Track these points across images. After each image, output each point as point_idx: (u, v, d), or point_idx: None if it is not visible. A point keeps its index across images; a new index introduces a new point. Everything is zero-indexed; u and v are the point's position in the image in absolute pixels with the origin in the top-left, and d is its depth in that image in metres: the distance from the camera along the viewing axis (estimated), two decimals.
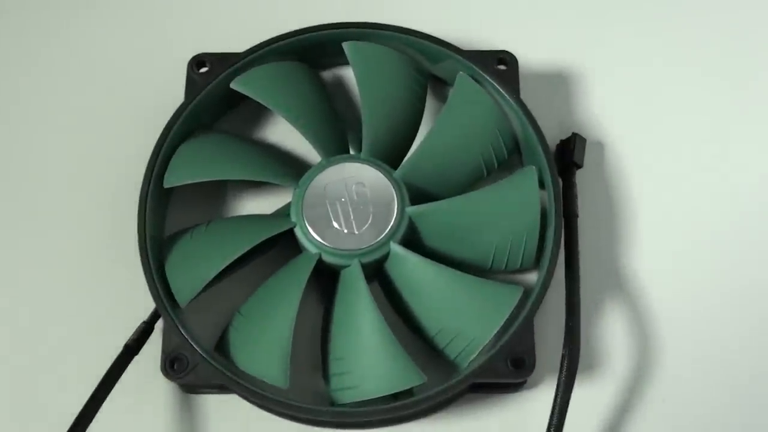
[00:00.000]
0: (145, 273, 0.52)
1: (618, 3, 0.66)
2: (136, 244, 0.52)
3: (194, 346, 0.50)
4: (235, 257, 0.52)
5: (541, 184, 0.55)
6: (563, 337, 0.52)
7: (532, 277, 0.56)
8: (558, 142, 0.60)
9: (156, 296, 0.51)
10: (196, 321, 0.53)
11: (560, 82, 0.63)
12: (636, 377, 0.55)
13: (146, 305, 0.52)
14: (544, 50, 0.64)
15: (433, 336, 0.52)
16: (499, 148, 0.57)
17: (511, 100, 0.56)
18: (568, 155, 0.58)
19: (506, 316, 0.51)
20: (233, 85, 0.57)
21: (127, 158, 0.58)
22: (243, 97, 0.57)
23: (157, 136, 0.55)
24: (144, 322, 0.53)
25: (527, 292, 0.52)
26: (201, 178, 0.55)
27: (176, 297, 0.52)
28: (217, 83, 0.57)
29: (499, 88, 0.57)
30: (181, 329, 0.51)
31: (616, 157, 0.61)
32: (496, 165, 0.57)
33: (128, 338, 0.52)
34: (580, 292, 0.53)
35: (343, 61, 0.59)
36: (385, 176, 0.55)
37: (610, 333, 0.56)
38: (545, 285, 0.52)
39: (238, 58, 0.57)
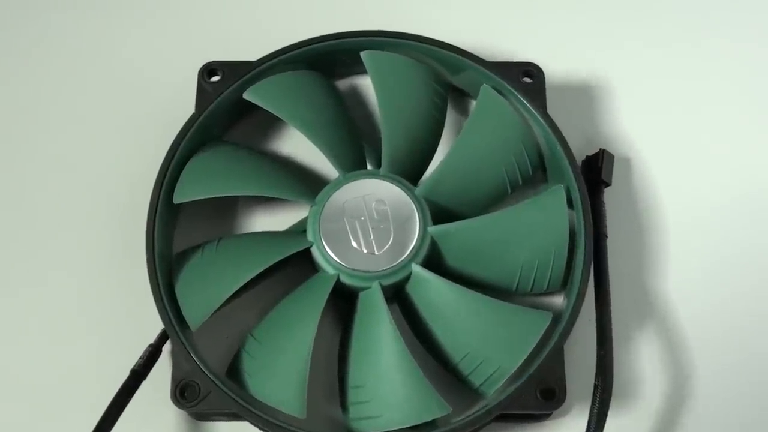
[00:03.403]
0: (154, 294, 0.50)
1: (646, 15, 0.65)
2: (145, 261, 0.50)
3: (206, 372, 0.48)
4: (250, 278, 0.50)
5: (569, 203, 0.53)
6: (594, 364, 0.50)
7: (558, 300, 0.54)
8: (583, 157, 0.58)
9: (166, 320, 0.49)
10: (206, 344, 0.51)
11: (585, 96, 0.61)
12: (671, 407, 0.53)
13: (152, 326, 0.50)
14: (569, 62, 0.62)
15: (456, 362, 0.50)
16: (524, 165, 0.55)
17: (537, 115, 0.54)
18: (596, 173, 0.56)
19: (535, 343, 0.49)
20: (246, 96, 0.55)
21: (136, 172, 0.56)
22: (256, 108, 0.55)
23: (167, 148, 0.53)
24: (151, 345, 0.51)
25: (556, 318, 0.50)
26: (212, 194, 0.52)
27: (188, 321, 0.50)
28: (229, 93, 0.55)
29: (525, 102, 0.55)
30: (192, 354, 0.48)
31: (645, 174, 0.59)
32: (520, 182, 0.55)
33: (135, 363, 0.50)
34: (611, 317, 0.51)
35: (359, 71, 0.57)
36: (406, 194, 0.53)
37: (643, 360, 0.54)
38: (575, 310, 0.50)
39: (251, 67, 0.55)
